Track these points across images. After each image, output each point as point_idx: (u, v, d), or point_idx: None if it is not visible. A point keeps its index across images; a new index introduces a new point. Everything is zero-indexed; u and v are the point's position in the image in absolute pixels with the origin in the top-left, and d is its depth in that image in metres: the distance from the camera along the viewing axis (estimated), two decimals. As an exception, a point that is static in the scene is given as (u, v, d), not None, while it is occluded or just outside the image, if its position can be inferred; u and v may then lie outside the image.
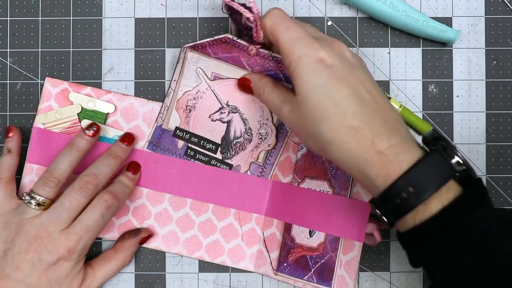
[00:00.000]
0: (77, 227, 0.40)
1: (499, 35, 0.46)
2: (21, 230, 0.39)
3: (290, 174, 0.45)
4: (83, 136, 0.42)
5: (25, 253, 0.39)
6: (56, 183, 0.40)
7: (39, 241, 0.39)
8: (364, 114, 0.34)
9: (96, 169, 0.42)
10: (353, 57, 0.38)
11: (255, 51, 0.41)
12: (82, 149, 0.42)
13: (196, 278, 0.46)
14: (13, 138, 0.44)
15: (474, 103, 0.46)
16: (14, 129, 0.44)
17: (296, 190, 0.45)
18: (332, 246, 0.43)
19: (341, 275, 0.43)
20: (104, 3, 0.47)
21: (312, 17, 0.46)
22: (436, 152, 0.34)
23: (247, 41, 0.41)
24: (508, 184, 0.46)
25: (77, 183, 0.40)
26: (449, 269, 0.33)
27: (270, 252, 0.45)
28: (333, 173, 0.44)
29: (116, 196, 0.41)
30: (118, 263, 0.44)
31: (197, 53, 0.44)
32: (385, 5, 0.44)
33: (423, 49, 0.46)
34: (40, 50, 0.47)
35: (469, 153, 0.46)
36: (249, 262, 0.46)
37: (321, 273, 0.44)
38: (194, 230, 0.46)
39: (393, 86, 0.46)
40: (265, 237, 0.46)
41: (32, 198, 0.40)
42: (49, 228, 0.39)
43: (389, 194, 0.34)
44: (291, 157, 0.46)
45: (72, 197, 0.40)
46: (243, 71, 0.44)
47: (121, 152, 0.43)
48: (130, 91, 0.46)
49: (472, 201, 0.34)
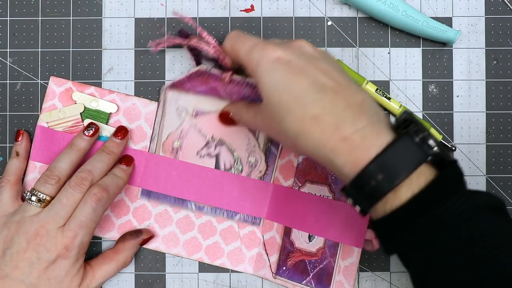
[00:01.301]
0: (72, 224, 0.40)
1: (499, 35, 0.46)
2: (21, 229, 0.39)
3: (291, 177, 0.45)
4: (82, 136, 0.43)
5: (24, 252, 0.39)
6: (56, 180, 0.41)
7: (37, 239, 0.39)
8: (325, 100, 0.33)
9: (91, 165, 0.42)
10: (314, 50, 0.37)
11: (229, 78, 0.41)
12: (81, 149, 0.43)
13: (196, 278, 0.46)
14: (22, 142, 0.45)
15: (474, 103, 0.46)
16: (23, 133, 0.45)
17: (297, 194, 0.45)
18: (331, 251, 0.44)
19: (339, 281, 0.43)
20: (104, 3, 0.47)
21: (312, 17, 0.47)
22: (406, 135, 0.32)
23: (220, 70, 0.42)
24: (508, 184, 0.46)
25: (73, 180, 0.41)
26: (420, 259, 0.32)
27: (269, 255, 0.45)
28: (333, 178, 0.44)
29: (105, 189, 0.41)
30: (118, 264, 0.44)
31: (177, 91, 0.45)
32: (385, 5, 0.44)
33: (423, 49, 0.46)
34: (40, 50, 0.47)
35: (469, 153, 0.46)
36: (248, 265, 0.46)
37: (320, 278, 0.44)
38: (194, 232, 0.46)
39: (393, 86, 0.46)
40: (265, 240, 0.45)
41: (33, 195, 0.40)
42: (47, 225, 0.39)
43: (358, 182, 0.32)
44: (293, 161, 0.45)
45: (68, 193, 0.40)
46: (223, 102, 0.44)
47: (115, 147, 0.43)
48: (130, 91, 0.46)
49: (444, 187, 0.32)
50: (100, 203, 0.40)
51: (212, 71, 0.41)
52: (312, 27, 0.46)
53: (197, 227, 0.46)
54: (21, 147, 0.45)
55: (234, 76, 0.41)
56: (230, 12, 0.47)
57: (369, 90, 0.45)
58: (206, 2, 0.47)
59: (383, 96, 0.45)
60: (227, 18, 0.46)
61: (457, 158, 0.46)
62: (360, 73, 0.46)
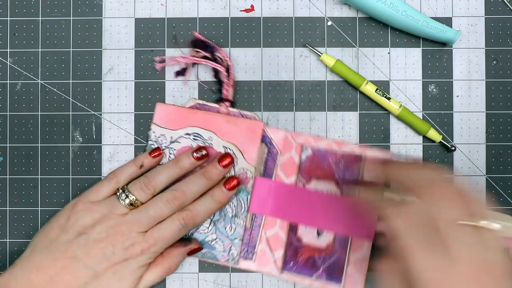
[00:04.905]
0: (155, 233, 0.41)
1: (499, 35, 0.46)
2: (105, 221, 0.41)
3: (294, 174, 0.45)
4: (190, 157, 0.43)
5: (101, 243, 0.40)
6: (151, 191, 0.42)
7: (118, 236, 0.40)
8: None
9: (187, 186, 0.42)
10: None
11: (226, 110, 0.42)
12: (184, 168, 0.43)
13: (196, 278, 0.46)
14: (152, 160, 0.44)
15: (474, 103, 0.46)
16: (160, 155, 0.45)
17: (302, 191, 0.45)
18: (341, 245, 0.43)
19: (351, 274, 0.43)
20: (104, 3, 0.47)
21: (312, 17, 0.47)
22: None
23: (216, 102, 0.44)
24: (508, 184, 0.46)
25: (166, 195, 0.42)
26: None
27: (274, 251, 0.45)
28: (340, 174, 0.44)
29: (193, 217, 0.42)
30: (164, 269, 0.43)
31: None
32: (385, 5, 0.44)
33: (423, 49, 0.46)
34: (40, 50, 0.47)
35: (469, 153, 0.46)
36: (251, 262, 0.46)
37: (331, 272, 0.44)
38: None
39: (393, 86, 0.46)
40: (268, 236, 0.45)
41: (126, 197, 0.42)
42: (131, 227, 0.41)
43: None
44: (294, 158, 0.45)
45: (157, 207, 0.41)
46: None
47: (216, 174, 0.43)
48: (130, 91, 0.46)
49: None
50: (186, 227, 0.42)
51: (208, 104, 0.42)
52: (312, 27, 0.46)
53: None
54: (148, 162, 0.44)
55: (230, 108, 0.43)
56: (230, 12, 0.47)
57: (369, 90, 0.45)
58: (206, 2, 0.47)
59: (383, 96, 0.45)
60: (227, 18, 0.46)
61: (457, 158, 0.46)
62: (360, 73, 0.46)
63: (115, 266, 0.41)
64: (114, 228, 0.41)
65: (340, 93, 0.46)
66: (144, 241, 0.41)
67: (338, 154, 0.44)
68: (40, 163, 0.46)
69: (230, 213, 0.45)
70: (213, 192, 0.43)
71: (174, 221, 0.42)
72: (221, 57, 0.45)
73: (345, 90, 0.46)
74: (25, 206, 0.47)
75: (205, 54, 0.45)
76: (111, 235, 0.41)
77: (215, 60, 0.45)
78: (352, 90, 0.46)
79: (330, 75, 0.46)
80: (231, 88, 0.41)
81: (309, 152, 0.45)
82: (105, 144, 0.46)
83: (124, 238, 0.41)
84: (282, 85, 0.46)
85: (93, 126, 0.47)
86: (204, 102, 0.43)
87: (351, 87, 0.46)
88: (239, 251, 0.45)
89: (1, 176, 0.47)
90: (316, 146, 0.45)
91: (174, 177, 0.43)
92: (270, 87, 0.46)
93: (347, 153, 0.43)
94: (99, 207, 0.42)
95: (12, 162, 0.47)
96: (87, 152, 0.46)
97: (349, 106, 0.46)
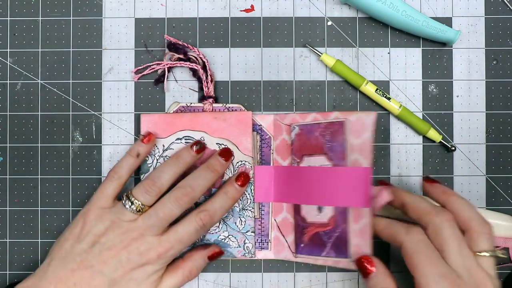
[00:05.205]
0: (172, 237, 0.41)
1: (499, 35, 0.46)
2: (116, 229, 0.40)
3: (289, 156, 0.45)
4: (190, 151, 0.43)
5: (116, 250, 0.40)
6: (157, 193, 0.41)
7: (132, 243, 0.40)
8: None
9: (194, 181, 0.42)
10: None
11: (210, 107, 0.42)
12: (187, 163, 0.43)
13: (196, 278, 0.46)
14: (147, 146, 0.44)
15: (474, 103, 0.46)
16: (152, 138, 0.44)
17: (297, 170, 0.45)
18: (342, 217, 0.43)
19: (356, 244, 0.43)
20: (104, 3, 0.47)
21: (312, 17, 0.47)
22: None
23: (200, 101, 0.44)
24: (508, 184, 0.46)
25: (173, 194, 0.41)
26: None
27: (286, 236, 0.45)
28: (328, 146, 0.44)
29: (212, 216, 0.42)
30: (184, 273, 0.43)
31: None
32: (385, 5, 0.44)
33: (423, 49, 0.46)
34: (40, 50, 0.47)
35: (469, 153, 0.46)
36: (268, 251, 0.46)
37: (338, 247, 0.43)
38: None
39: (393, 86, 0.46)
40: (278, 222, 0.46)
41: (132, 204, 0.41)
42: (144, 232, 0.40)
43: None
44: (286, 139, 0.46)
45: (166, 208, 0.41)
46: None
47: (219, 166, 0.43)
48: (130, 91, 0.46)
49: None
50: (204, 228, 0.42)
51: (192, 105, 0.43)
52: (312, 27, 0.46)
53: None
54: (143, 149, 0.44)
55: (214, 104, 0.43)
56: (230, 12, 0.47)
57: (369, 90, 0.45)
58: (206, 2, 0.47)
59: (383, 96, 0.45)
60: (227, 18, 0.47)
61: (457, 158, 0.46)
62: (360, 73, 0.46)
63: (131, 272, 0.40)
64: (127, 234, 0.40)
65: (340, 93, 0.46)
66: (160, 245, 0.40)
67: (322, 125, 0.44)
68: (40, 163, 0.46)
69: (237, 207, 0.45)
70: (226, 190, 0.43)
71: (191, 223, 0.41)
72: (195, 55, 0.45)
73: (345, 90, 0.46)
74: (25, 206, 0.47)
75: (179, 56, 0.45)
76: (125, 242, 0.40)
77: (189, 59, 0.46)
78: (352, 90, 0.46)
79: (330, 75, 0.46)
80: (211, 84, 0.42)
81: (296, 130, 0.45)
82: (105, 144, 0.46)
83: (139, 244, 0.40)
84: (282, 85, 0.46)
85: (93, 126, 0.47)
86: (188, 104, 0.43)
87: (351, 87, 0.46)
88: (254, 242, 0.45)
89: (1, 176, 0.47)
90: (303, 122, 0.45)
91: (178, 174, 0.42)
92: (270, 87, 0.46)
93: (330, 122, 0.43)
94: (110, 215, 0.41)
95: (12, 162, 0.47)
96: (87, 152, 0.46)
97: (349, 106, 0.46)
